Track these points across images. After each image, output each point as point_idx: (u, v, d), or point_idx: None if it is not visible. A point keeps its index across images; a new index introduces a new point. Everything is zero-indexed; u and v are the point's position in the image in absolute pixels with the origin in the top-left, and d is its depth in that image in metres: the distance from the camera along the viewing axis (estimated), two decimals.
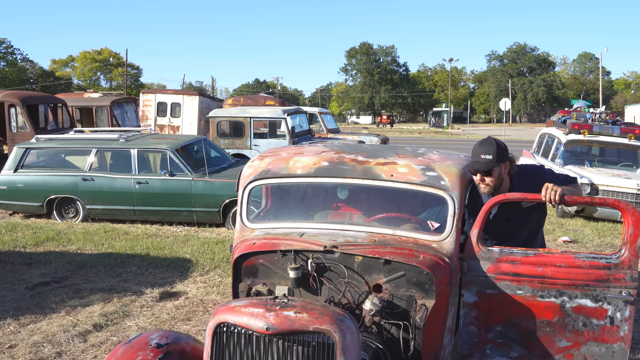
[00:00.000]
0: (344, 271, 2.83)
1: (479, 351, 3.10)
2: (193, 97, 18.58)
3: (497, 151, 3.16)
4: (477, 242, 3.01)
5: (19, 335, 4.70)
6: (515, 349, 3.07)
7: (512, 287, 2.99)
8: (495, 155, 3.14)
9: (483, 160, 3.14)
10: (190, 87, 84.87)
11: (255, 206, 3.52)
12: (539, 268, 2.96)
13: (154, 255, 7.09)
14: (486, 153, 3.16)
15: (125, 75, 61.41)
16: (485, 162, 3.14)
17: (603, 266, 2.92)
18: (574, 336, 2.99)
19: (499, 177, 3.19)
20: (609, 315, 2.94)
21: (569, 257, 2.96)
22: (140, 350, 2.68)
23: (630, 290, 2.91)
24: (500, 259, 3.00)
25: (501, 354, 3.08)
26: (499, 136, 39.99)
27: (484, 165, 3.14)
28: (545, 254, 2.99)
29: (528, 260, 2.97)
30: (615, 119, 11.31)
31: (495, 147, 3.17)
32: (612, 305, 2.93)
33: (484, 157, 3.15)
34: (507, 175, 3.25)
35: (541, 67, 78.39)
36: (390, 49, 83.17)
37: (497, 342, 3.09)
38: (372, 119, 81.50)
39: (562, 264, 2.95)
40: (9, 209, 9.67)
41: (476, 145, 3.25)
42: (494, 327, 3.08)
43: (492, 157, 3.14)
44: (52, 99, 15.09)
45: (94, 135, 10.05)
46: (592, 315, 2.96)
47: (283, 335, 2.27)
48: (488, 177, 3.16)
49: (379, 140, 15.44)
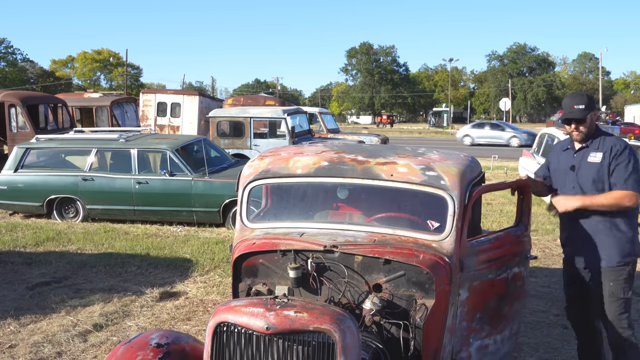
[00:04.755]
0: (344, 271, 2.83)
1: (465, 343, 3.15)
2: (193, 97, 18.57)
3: (588, 101, 3.41)
4: (466, 239, 3.06)
5: (19, 335, 4.70)
6: (484, 329, 3.27)
7: (486, 272, 3.20)
8: (587, 104, 3.38)
9: (577, 110, 3.39)
10: (190, 87, 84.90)
11: (255, 206, 3.52)
12: (500, 249, 3.28)
13: (154, 255, 7.09)
14: (579, 103, 3.40)
15: (125, 75, 61.42)
16: (580, 111, 3.38)
17: (521, 236, 3.48)
18: (510, 300, 3.42)
19: (591, 125, 3.43)
20: (523, 276, 3.51)
21: (509, 234, 3.44)
22: (140, 350, 2.68)
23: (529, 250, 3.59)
24: (479, 250, 3.16)
25: (477, 338, 3.25)
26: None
27: (578, 113, 3.38)
28: (500, 236, 3.38)
29: (492, 245, 3.25)
30: (615, 119, 11.34)
31: (586, 97, 3.43)
32: (523, 267, 3.51)
33: (577, 107, 3.39)
34: (595, 124, 3.48)
35: (541, 67, 78.37)
36: (391, 49, 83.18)
37: (475, 329, 3.22)
38: (372, 119, 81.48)
39: (509, 242, 3.38)
40: (9, 209, 9.68)
41: (567, 98, 3.50)
42: (476, 316, 3.20)
43: (585, 106, 3.38)
44: (52, 99, 15.09)
45: (94, 135, 10.06)
46: (517, 279, 3.45)
47: (283, 335, 2.27)
48: (582, 124, 3.40)
49: (379, 140, 15.45)
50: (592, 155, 3.40)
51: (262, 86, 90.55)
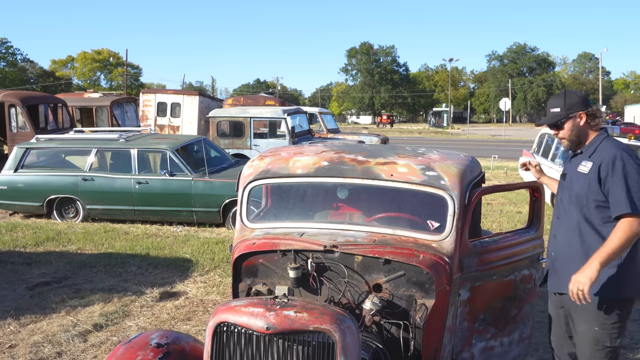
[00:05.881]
0: (344, 271, 2.83)
1: (467, 344, 3.15)
2: (193, 97, 18.57)
3: (566, 102, 2.89)
4: (467, 239, 3.06)
5: (19, 335, 4.70)
6: (490, 330, 3.25)
7: (491, 274, 3.17)
8: (564, 107, 2.89)
9: (551, 114, 2.94)
10: (190, 87, 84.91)
11: (255, 206, 3.52)
12: (507, 251, 3.25)
13: (154, 255, 7.09)
14: (554, 105, 2.95)
15: (125, 75, 61.40)
16: (553, 115, 2.92)
17: (532, 238, 3.43)
18: (518, 303, 3.38)
19: (574, 130, 2.90)
20: (534, 279, 3.43)
21: (518, 236, 3.41)
22: (140, 350, 2.68)
23: (542, 252, 3.46)
24: (482, 251, 3.14)
25: (481, 339, 3.23)
26: (499, 136, 39.96)
27: (548, 118, 2.94)
28: (508, 237, 3.35)
29: (498, 246, 3.23)
30: (615, 119, 11.34)
31: (563, 98, 2.92)
32: (534, 269, 3.41)
33: (552, 110, 2.94)
34: (591, 129, 2.90)
35: (541, 67, 78.39)
36: (391, 49, 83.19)
37: (479, 330, 3.21)
38: (372, 119, 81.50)
39: (517, 243, 3.34)
40: (9, 209, 9.68)
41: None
42: (479, 316, 3.19)
43: (560, 109, 2.90)
44: (52, 99, 15.09)
45: (94, 135, 10.05)
46: (527, 282, 3.39)
47: (283, 335, 2.27)
48: (559, 130, 2.93)
49: (379, 140, 15.44)
50: (583, 165, 2.87)
51: (262, 86, 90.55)
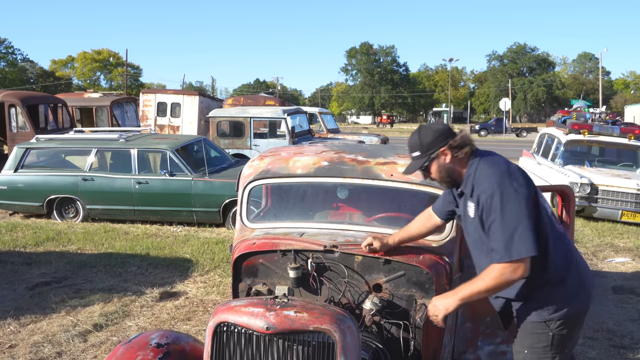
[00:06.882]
0: (344, 271, 2.83)
1: (472, 345, 3.14)
2: (193, 97, 18.57)
3: (422, 142, 2.50)
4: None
5: (19, 335, 4.70)
6: (499, 334, 3.18)
7: None
8: (422, 148, 2.50)
9: (412, 162, 2.57)
10: (190, 87, 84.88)
11: (255, 206, 3.52)
12: None
13: (154, 255, 7.09)
14: (412, 149, 2.55)
15: (125, 75, 61.40)
16: (414, 163, 2.56)
17: None
18: None
19: (442, 171, 2.51)
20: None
21: None
22: (140, 350, 2.68)
23: None
24: None
25: (488, 343, 3.18)
26: (499, 136, 39.88)
27: (411, 167, 2.57)
28: None
29: None
30: (615, 119, 11.32)
31: (418, 138, 2.52)
32: None
33: (412, 155, 2.56)
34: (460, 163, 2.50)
35: (541, 67, 78.31)
36: (391, 49, 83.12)
37: (485, 333, 3.18)
38: (372, 119, 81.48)
39: None
40: (9, 209, 9.68)
41: None
42: (484, 319, 3.16)
43: (419, 151, 2.52)
44: (52, 99, 15.09)
45: (94, 135, 10.05)
46: None
47: (283, 335, 2.27)
48: (430, 174, 2.56)
49: (379, 140, 15.44)
50: (469, 206, 2.48)
51: (262, 86, 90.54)
